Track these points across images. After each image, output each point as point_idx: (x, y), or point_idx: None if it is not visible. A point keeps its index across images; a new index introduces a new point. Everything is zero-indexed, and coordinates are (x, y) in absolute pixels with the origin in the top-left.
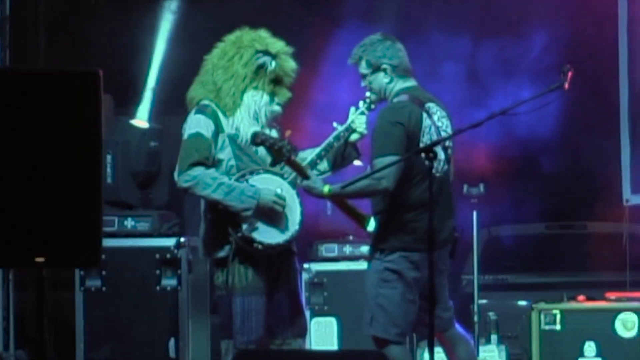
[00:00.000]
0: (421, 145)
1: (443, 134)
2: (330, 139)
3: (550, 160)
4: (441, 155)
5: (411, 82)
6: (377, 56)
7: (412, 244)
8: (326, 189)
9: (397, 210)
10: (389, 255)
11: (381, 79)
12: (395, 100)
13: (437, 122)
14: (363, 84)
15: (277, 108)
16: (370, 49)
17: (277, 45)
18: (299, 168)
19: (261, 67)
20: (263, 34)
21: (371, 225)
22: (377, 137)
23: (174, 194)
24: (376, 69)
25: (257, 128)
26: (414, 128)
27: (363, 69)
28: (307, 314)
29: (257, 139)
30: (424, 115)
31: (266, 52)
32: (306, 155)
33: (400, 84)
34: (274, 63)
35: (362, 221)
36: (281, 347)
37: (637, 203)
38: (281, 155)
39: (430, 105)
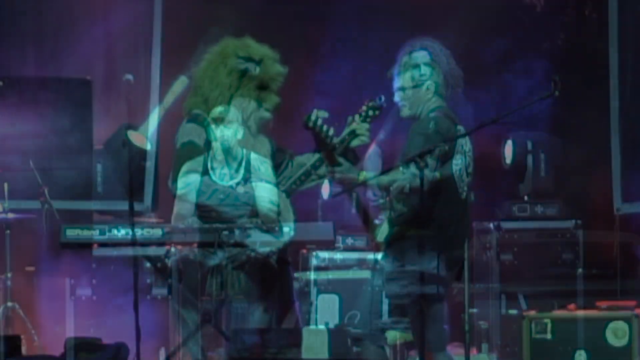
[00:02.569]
0: (453, 161)
1: (467, 157)
2: None
3: (541, 168)
4: (465, 178)
5: (444, 103)
6: None
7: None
8: (361, 176)
9: (423, 224)
10: (406, 265)
11: (424, 94)
12: (431, 115)
13: (464, 144)
14: (397, 97)
15: (266, 114)
16: None
17: (261, 50)
18: (333, 159)
19: (244, 73)
20: (247, 40)
21: (381, 235)
22: (416, 143)
23: (164, 202)
24: (421, 84)
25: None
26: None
27: (407, 82)
28: None
29: (308, 123)
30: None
31: (249, 58)
32: (305, 160)
33: (438, 102)
34: (257, 68)
35: (373, 228)
36: (276, 356)
37: (628, 212)
38: (325, 145)
39: (460, 128)
